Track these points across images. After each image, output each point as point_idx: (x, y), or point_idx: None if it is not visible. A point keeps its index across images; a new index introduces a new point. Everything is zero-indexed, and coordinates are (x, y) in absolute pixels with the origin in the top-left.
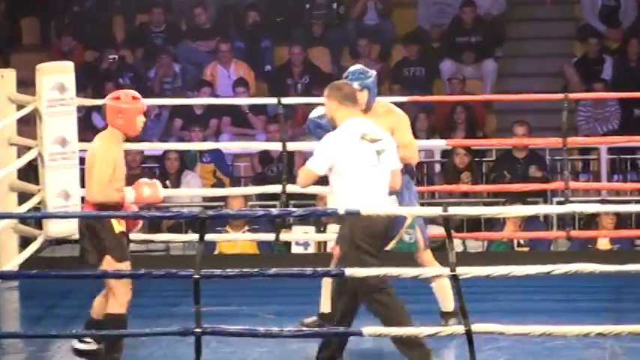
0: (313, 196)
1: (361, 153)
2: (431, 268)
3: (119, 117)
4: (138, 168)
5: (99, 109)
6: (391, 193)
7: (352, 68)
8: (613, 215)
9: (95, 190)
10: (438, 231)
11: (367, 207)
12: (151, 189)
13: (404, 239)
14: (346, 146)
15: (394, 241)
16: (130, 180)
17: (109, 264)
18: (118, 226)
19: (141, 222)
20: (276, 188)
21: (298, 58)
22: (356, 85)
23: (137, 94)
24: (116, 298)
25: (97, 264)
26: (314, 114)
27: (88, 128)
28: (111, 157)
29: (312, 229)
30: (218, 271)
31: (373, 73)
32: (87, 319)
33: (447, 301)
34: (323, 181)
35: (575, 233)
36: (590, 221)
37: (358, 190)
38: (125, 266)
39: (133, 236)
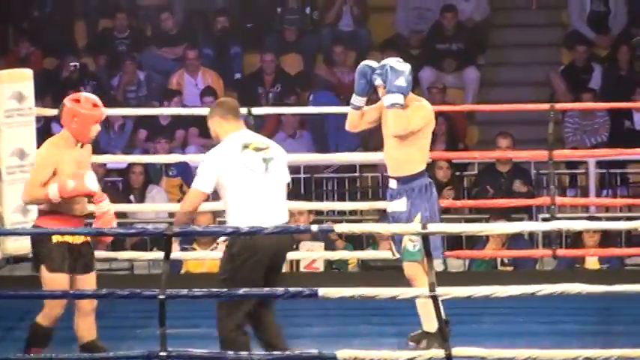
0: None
1: (245, 162)
2: (410, 288)
3: (74, 121)
4: (100, 182)
5: (59, 118)
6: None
7: (383, 61)
8: (594, 233)
9: (23, 191)
10: None
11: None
12: (75, 180)
13: (408, 248)
14: (229, 158)
15: (396, 249)
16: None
17: (43, 274)
18: (58, 236)
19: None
20: None
21: (270, 66)
22: (378, 81)
23: (98, 102)
24: (44, 310)
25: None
26: (371, 62)
27: (47, 139)
28: (48, 161)
29: None
30: (185, 291)
31: (405, 68)
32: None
33: (430, 321)
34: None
35: (561, 252)
36: (578, 239)
37: (248, 200)
38: (61, 279)
39: (96, 254)
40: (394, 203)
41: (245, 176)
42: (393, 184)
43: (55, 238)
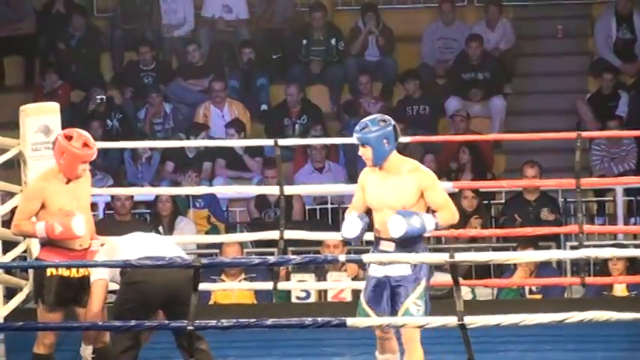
0: (314, 243)
1: None
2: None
3: (62, 157)
4: (128, 214)
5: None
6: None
7: (366, 118)
8: (617, 260)
9: (12, 222)
10: (445, 278)
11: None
12: (62, 226)
13: (410, 311)
14: None
15: (401, 311)
16: (120, 227)
17: (38, 307)
18: (52, 269)
19: None
20: (273, 234)
21: (296, 97)
22: (356, 137)
23: (90, 141)
24: (38, 339)
25: None
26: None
27: None
28: (34, 192)
29: (312, 276)
30: (213, 322)
31: (386, 127)
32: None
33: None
34: (326, 227)
35: (589, 279)
36: (606, 266)
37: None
38: (51, 312)
39: None
40: (395, 267)
41: None
42: (388, 246)
43: (49, 272)
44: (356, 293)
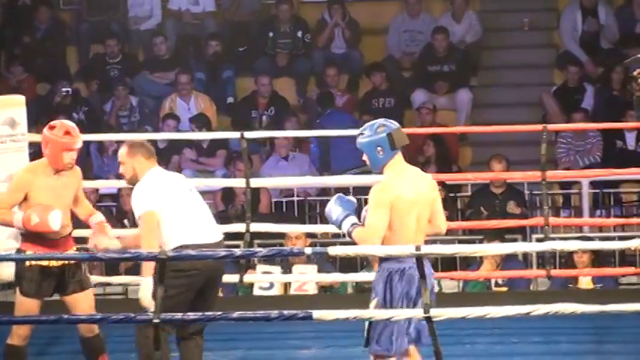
0: (279, 235)
1: (173, 186)
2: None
3: (47, 147)
4: (94, 207)
5: None
6: None
7: (372, 122)
8: (583, 252)
9: None
10: None
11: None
12: (39, 218)
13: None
14: (160, 185)
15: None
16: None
17: (16, 296)
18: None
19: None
20: (239, 227)
21: (263, 89)
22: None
23: (73, 130)
24: (12, 330)
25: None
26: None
27: None
28: (20, 186)
29: (277, 269)
30: (179, 315)
31: (380, 133)
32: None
33: None
34: (292, 219)
35: (555, 272)
36: (571, 259)
37: (184, 217)
38: (29, 302)
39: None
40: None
41: (177, 198)
42: None
43: (28, 262)
44: (321, 286)
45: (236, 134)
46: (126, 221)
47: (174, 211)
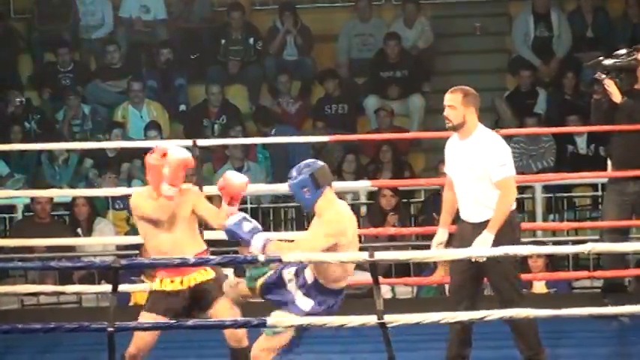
0: (233, 243)
1: None
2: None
3: (150, 173)
4: (47, 217)
5: (4, 154)
6: None
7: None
8: (538, 257)
9: None
10: (365, 277)
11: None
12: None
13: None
14: None
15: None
16: (40, 230)
17: None
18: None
19: None
20: None
21: (215, 97)
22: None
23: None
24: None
25: None
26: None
27: None
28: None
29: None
30: (133, 323)
31: (304, 174)
32: None
33: None
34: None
35: None
36: (525, 263)
37: None
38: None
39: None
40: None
41: None
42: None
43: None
44: None
45: (188, 142)
46: (79, 230)
47: None
